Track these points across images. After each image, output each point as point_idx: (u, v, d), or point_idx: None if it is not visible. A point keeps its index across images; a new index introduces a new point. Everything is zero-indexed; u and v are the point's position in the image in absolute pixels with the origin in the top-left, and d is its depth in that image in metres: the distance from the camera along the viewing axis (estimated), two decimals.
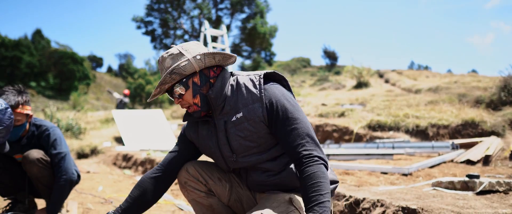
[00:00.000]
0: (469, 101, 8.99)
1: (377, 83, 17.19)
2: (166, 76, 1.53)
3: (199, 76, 1.59)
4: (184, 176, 1.73)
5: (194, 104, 1.60)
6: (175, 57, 1.58)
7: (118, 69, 60.57)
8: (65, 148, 2.77)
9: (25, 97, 2.60)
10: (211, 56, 1.58)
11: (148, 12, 32.01)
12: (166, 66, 1.58)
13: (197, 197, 1.74)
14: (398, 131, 7.74)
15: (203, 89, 1.59)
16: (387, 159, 5.07)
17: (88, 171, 6.31)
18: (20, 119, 2.57)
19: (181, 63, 1.54)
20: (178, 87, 1.58)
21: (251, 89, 1.56)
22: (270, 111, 1.53)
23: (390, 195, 2.74)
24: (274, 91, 1.55)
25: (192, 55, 1.56)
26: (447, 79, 13.92)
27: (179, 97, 1.61)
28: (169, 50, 1.62)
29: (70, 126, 10.87)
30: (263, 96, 1.53)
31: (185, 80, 1.58)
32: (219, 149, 1.65)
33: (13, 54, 35.17)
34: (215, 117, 1.63)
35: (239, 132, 1.57)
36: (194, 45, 1.61)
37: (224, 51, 1.61)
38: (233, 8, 32.90)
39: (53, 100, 32.17)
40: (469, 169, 4.16)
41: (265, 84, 1.58)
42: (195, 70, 1.57)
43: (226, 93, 1.60)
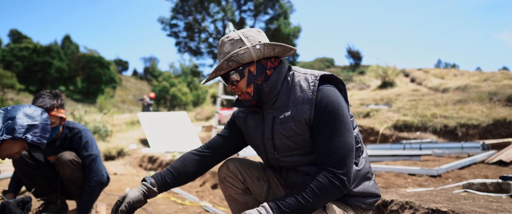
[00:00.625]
0: (501, 100, 8.67)
1: (403, 82, 16.85)
2: (223, 62, 1.51)
3: (256, 66, 1.57)
4: (224, 171, 1.75)
5: (246, 93, 1.59)
6: (235, 43, 1.54)
7: (143, 73, 61.73)
8: (96, 150, 2.86)
9: (60, 101, 2.71)
10: (271, 47, 1.54)
11: (174, 15, 32.46)
12: (224, 51, 1.56)
13: (234, 193, 1.75)
14: (426, 131, 7.56)
15: (258, 79, 1.57)
16: (414, 160, 4.95)
17: (115, 173, 6.44)
18: (55, 122, 2.68)
19: (240, 51, 1.51)
20: (234, 74, 1.56)
21: (304, 89, 1.52)
22: (317, 113, 1.48)
23: (419, 197, 2.67)
24: (328, 94, 1.49)
25: (252, 44, 1.53)
26: (477, 77, 13.50)
27: (233, 84, 1.59)
28: (229, 34, 1.58)
29: (97, 129, 11.14)
30: (315, 99, 1.49)
31: (241, 68, 1.56)
32: (263, 143, 1.65)
33: (44, 59, 36.43)
34: (265, 110, 1.62)
35: (284, 131, 1.55)
36: (255, 33, 1.58)
37: (285, 44, 1.58)
38: (256, 10, 32.95)
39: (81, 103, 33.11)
40: (501, 171, 4.01)
41: (321, 85, 1.52)
42: (252, 60, 1.54)
43: (280, 89, 1.58)
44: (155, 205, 3.73)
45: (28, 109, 2.16)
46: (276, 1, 32.35)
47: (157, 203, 3.87)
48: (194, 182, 5.16)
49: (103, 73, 39.92)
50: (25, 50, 36.43)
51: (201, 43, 33.41)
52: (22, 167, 2.84)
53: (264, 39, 1.59)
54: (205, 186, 4.83)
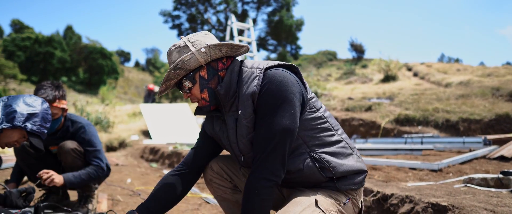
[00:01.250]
0: (503, 95, 8.64)
1: (405, 76, 16.79)
2: (170, 72, 1.48)
3: (206, 70, 1.52)
4: (209, 173, 1.73)
5: (202, 99, 1.55)
6: (181, 50, 1.50)
7: (145, 64, 61.70)
8: (99, 146, 2.90)
9: (61, 92, 2.72)
10: (217, 48, 1.49)
11: (176, 6, 32.38)
12: (173, 60, 1.52)
13: (223, 194, 1.74)
14: (427, 126, 7.54)
15: (211, 83, 1.53)
16: (415, 154, 4.95)
17: (117, 164, 6.47)
18: (56, 113, 2.69)
19: (185, 57, 1.46)
20: (186, 81, 1.52)
21: (250, 85, 1.46)
22: (258, 101, 1.43)
23: (419, 191, 2.67)
24: (271, 78, 1.42)
25: (197, 49, 1.48)
26: (480, 72, 13.45)
27: (187, 92, 1.55)
28: (176, 42, 1.54)
29: (99, 120, 11.16)
30: (258, 91, 1.43)
31: (191, 74, 1.51)
32: (231, 147, 1.60)
33: (46, 50, 36.40)
34: (225, 113, 1.58)
35: (241, 131, 1.51)
36: (201, 36, 1.53)
37: (233, 42, 1.53)
38: (259, 2, 32.84)
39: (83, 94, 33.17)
40: (502, 166, 4.01)
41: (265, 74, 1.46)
42: (201, 64, 1.50)
43: (236, 88, 1.52)
44: None
45: (28, 98, 2.17)
46: None
47: None
48: None
49: (105, 64, 39.89)
50: (27, 40, 36.41)
51: None
52: (24, 156, 2.86)
53: (211, 41, 1.54)
54: None
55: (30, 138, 2.11)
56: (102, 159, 2.87)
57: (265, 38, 33.75)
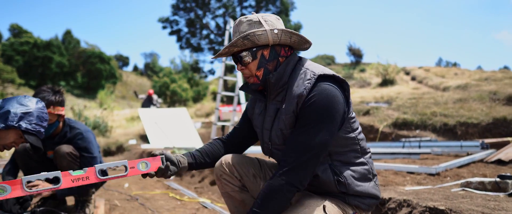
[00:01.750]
0: (501, 99, 8.66)
1: (403, 80, 16.83)
2: (239, 39, 1.49)
3: (269, 51, 1.55)
4: (220, 168, 1.73)
5: (255, 76, 1.58)
6: (252, 24, 1.53)
7: (144, 68, 61.71)
8: (96, 153, 2.89)
9: (58, 98, 2.70)
10: (289, 35, 1.53)
11: (174, 11, 32.44)
12: (240, 30, 1.54)
13: (231, 191, 1.75)
14: (425, 130, 7.56)
15: (269, 64, 1.56)
16: (413, 158, 4.95)
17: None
18: (51, 119, 2.69)
19: (257, 31, 1.49)
20: (248, 54, 1.54)
21: (300, 84, 1.49)
22: (303, 107, 1.45)
23: (416, 195, 2.67)
24: (322, 91, 1.44)
25: (270, 28, 1.51)
26: (477, 76, 13.49)
27: (243, 65, 1.57)
28: (248, 16, 1.57)
29: (97, 124, 11.14)
30: (306, 94, 1.45)
31: (255, 49, 1.54)
32: (262, 132, 1.66)
33: (44, 54, 36.40)
34: (269, 99, 1.62)
35: (279, 124, 1.54)
36: (274, 18, 1.57)
37: (302, 35, 1.56)
38: (257, 6, 32.93)
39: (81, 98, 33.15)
40: (500, 170, 4.01)
41: (320, 82, 1.47)
42: (268, 43, 1.53)
43: (286, 81, 1.56)
44: (153, 201, 3.73)
45: (22, 98, 2.15)
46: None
47: (156, 199, 3.88)
48: (192, 178, 5.17)
49: (103, 69, 39.88)
50: (26, 44, 36.38)
51: (202, 39, 33.39)
52: (25, 160, 2.86)
53: (281, 26, 1.57)
54: (204, 182, 4.84)
55: (27, 137, 2.09)
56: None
57: None
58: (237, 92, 7.19)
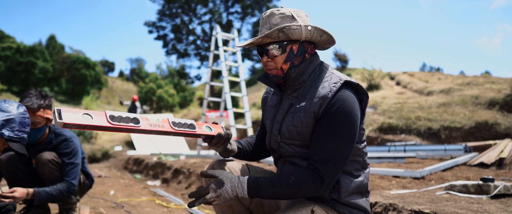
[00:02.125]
0: (483, 103, 8.85)
1: (388, 85, 17.04)
2: (274, 31, 1.48)
3: (298, 46, 1.56)
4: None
5: (280, 69, 1.57)
6: (285, 17, 1.53)
7: (130, 74, 61.18)
8: (78, 160, 2.85)
9: (47, 102, 2.68)
10: (320, 33, 1.54)
11: (160, 17, 32.28)
12: (272, 22, 1.53)
13: None
14: (410, 134, 7.66)
15: (296, 59, 1.57)
16: (398, 162, 5.01)
17: (100, 175, 6.36)
18: (40, 122, 2.66)
19: (293, 26, 1.49)
20: (278, 47, 1.54)
21: (325, 86, 1.50)
22: (326, 110, 1.46)
23: (402, 199, 2.71)
24: (345, 99, 1.46)
25: (304, 24, 1.52)
26: (460, 81, 13.74)
27: (270, 57, 1.57)
28: (280, 9, 1.56)
29: (82, 131, 10.99)
30: (330, 98, 1.46)
31: (285, 43, 1.54)
32: (272, 124, 1.67)
33: (28, 59, 35.77)
34: (285, 94, 1.63)
35: (293, 119, 1.55)
36: (304, 15, 1.58)
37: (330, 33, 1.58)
38: (244, 12, 32.99)
39: (65, 104, 32.65)
40: (482, 172, 4.09)
41: (343, 89, 1.49)
42: (299, 39, 1.54)
43: (306, 79, 1.58)
44: (139, 208, 3.69)
45: (2, 103, 2.09)
46: (263, 3, 32.44)
47: (142, 206, 3.84)
48: (179, 184, 5.13)
49: (88, 74, 39.36)
50: (8, 50, 35.72)
51: (189, 45, 33.29)
52: (12, 169, 2.79)
53: (310, 23, 1.58)
54: (190, 188, 4.81)
55: (10, 144, 2.04)
56: (76, 175, 2.80)
57: (249, 49, 33.88)
58: (223, 98, 7.19)
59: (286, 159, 1.65)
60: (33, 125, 2.63)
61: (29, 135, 2.64)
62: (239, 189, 1.45)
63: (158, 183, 5.69)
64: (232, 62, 7.47)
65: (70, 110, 1.31)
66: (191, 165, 5.51)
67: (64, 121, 1.26)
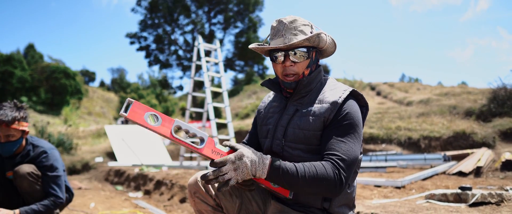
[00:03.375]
0: (460, 113, 9.08)
1: (369, 95, 17.31)
2: (314, 36, 1.51)
3: (316, 53, 1.61)
4: (194, 186, 1.69)
5: (301, 74, 1.58)
6: (307, 26, 1.57)
7: (111, 84, 60.36)
8: (60, 172, 2.77)
9: (22, 114, 2.60)
10: (333, 44, 1.63)
11: (142, 27, 32.14)
12: (298, 28, 1.55)
13: (204, 210, 1.70)
14: (391, 144, 7.78)
15: (313, 66, 1.61)
16: (380, 172, 5.08)
17: (80, 187, 6.23)
18: (15, 135, 2.58)
19: (322, 34, 1.54)
20: (304, 53, 1.55)
21: (334, 93, 1.54)
22: (336, 115, 1.49)
23: (383, 208, 2.75)
24: (353, 106, 1.52)
25: (325, 33, 1.57)
26: (438, 91, 14.08)
27: (293, 62, 1.56)
28: (295, 17, 1.58)
29: (62, 141, 10.77)
30: (340, 104, 1.49)
31: (311, 49, 1.57)
32: (275, 128, 1.64)
33: (5, 69, 34.91)
34: (290, 100, 1.64)
35: (300, 122, 1.55)
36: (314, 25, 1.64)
37: None
38: (226, 23, 33.15)
39: (44, 115, 31.93)
40: (461, 181, 4.19)
41: (350, 98, 1.55)
42: (319, 47, 1.59)
43: (313, 87, 1.62)
44: None
45: None
46: (245, 15, 32.69)
47: None
48: (161, 195, 5.07)
49: (68, 84, 38.63)
50: None
51: (171, 55, 33.17)
52: None
53: None
54: (173, 200, 4.75)
55: None
56: (61, 186, 2.74)
57: (232, 59, 34.00)
58: (206, 109, 7.18)
59: None
60: (7, 138, 2.56)
61: (4, 148, 2.59)
62: (260, 166, 1.35)
63: (140, 194, 5.61)
64: (215, 73, 7.48)
65: (140, 106, 1.27)
66: (173, 176, 5.46)
67: (128, 116, 1.23)
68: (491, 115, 8.17)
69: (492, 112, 8.22)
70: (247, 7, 32.27)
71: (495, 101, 8.37)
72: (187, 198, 4.57)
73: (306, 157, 1.55)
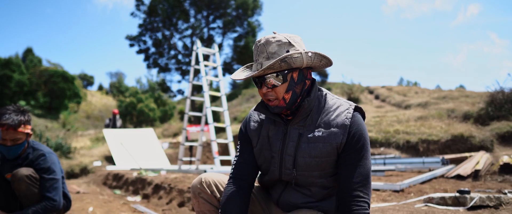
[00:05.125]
0: (458, 116, 9.11)
1: (367, 99, 17.34)
2: (276, 62, 1.41)
3: (298, 73, 1.50)
4: (199, 187, 1.67)
5: (282, 99, 1.51)
6: (282, 45, 1.47)
7: (109, 88, 60.34)
8: (58, 175, 2.80)
9: (27, 117, 2.67)
10: (320, 58, 1.50)
11: (142, 31, 32.19)
12: (269, 51, 1.46)
13: (207, 211, 1.69)
14: (389, 147, 7.79)
15: (297, 87, 1.51)
16: (378, 176, 5.09)
17: (78, 191, 6.21)
18: (21, 138, 2.64)
19: (294, 54, 1.44)
20: (278, 77, 1.47)
21: (339, 114, 1.52)
22: (350, 141, 1.49)
23: (382, 212, 2.75)
24: (360, 123, 1.53)
25: (304, 51, 1.47)
26: (436, 95, 14.10)
27: (270, 87, 1.50)
28: (275, 35, 1.50)
29: (60, 145, 10.73)
30: (348, 125, 1.49)
31: (286, 72, 1.47)
32: (281, 158, 1.58)
33: (3, 73, 34.88)
34: (291, 124, 1.57)
35: (310, 150, 1.51)
36: (299, 39, 1.54)
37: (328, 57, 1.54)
38: (225, 27, 33.21)
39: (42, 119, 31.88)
40: (459, 184, 4.20)
41: (356, 113, 1.56)
42: (301, 66, 1.49)
43: (313, 107, 1.56)
44: None
45: None
46: (244, 19, 32.77)
47: None
48: (160, 200, 5.06)
49: (67, 88, 38.57)
50: None
51: (170, 59, 33.21)
52: None
53: (305, 48, 1.55)
54: (171, 204, 4.74)
55: None
56: (57, 190, 2.76)
57: (230, 63, 34.01)
58: (204, 112, 7.18)
59: (291, 187, 1.63)
60: (14, 142, 2.62)
61: (11, 151, 2.65)
62: None
63: (138, 198, 5.59)
64: (213, 77, 7.48)
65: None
66: (172, 180, 5.45)
67: None
68: (489, 118, 8.19)
69: (490, 115, 8.25)
70: (245, 11, 32.34)
71: (493, 104, 8.39)
72: (185, 202, 4.56)
73: (320, 182, 1.56)
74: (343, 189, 1.48)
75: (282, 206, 1.66)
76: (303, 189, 1.59)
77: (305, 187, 1.59)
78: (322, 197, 1.59)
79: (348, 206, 1.45)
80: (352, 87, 16.82)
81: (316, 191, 1.58)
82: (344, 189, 1.47)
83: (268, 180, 1.69)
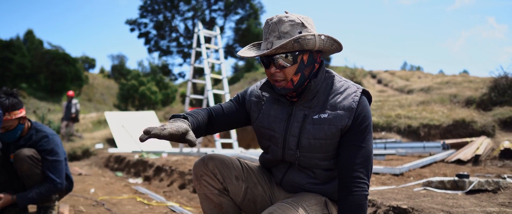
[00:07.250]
0: (460, 101, 9.07)
1: (370, 84, 17.28)
2: (290, 42, 1.39)
3: (308, 56, 1.48)
4: (201, 169, 1.65)
5: (290, 81, 1.49)
6: (295, 25, 1.44)
7: (111, 71, 60.28)
8: (61, 156, 2.82)
9: (11, 101, 2.60)
10: (332, 42, 1.48)
11: (142, 13, 31.89)
12: (281, 30, 1.44)
13: (209, 193, 1.67)
14: (390, 131, 7.79)
15: (306, 70, 1.49)
16: (379, 160, 5.10)
17: (80, 173, 6.27)
18: (12, 124, 2.63)
19: (308, 35, 1.41)
20: (285, 58, 1.45)
21: (346, 97, 1.52)
22: (354, 122, 1.49)
23: (381, 195, 2.76)
24: (366, 107, 1.53)
25: (317, 33, 1.44)
26: (439, 80, 14.04)
27: (279, 68, 1.48)
28: (288, 15, 1.46)
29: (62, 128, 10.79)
30: (355, 108, 1.49)
31: (297, 53, 1.45)
32: (285, 138, 1.58)
33: (4, 55, 34.82)
34: (296, 105, 1.57)
35: (315, 132, 1.51)
36: (311, 22, 1.51)
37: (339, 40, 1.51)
38: (227, 10, 32.88)
39: (44, 101, 31.98)
40: (459, 169, 4.20)
41: (362, 96, 1.55)
42: (311, 49, 1.46)
43: (319, 88, 1.54)
44: (120, 206, 3.66)
45: None
46: (246, 1, 32.40)
47: (123, 203, 3.81)
48: (161, 182, 5.10)
49: (68, 71, 38.57)
50: None
51: (171, 42, 33.00)
52: None
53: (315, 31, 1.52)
54: (172, 186, 4.78)
55: None
56: (60, 171, 2.78)
57: (232, 46, 33.80)
58: (206, 96, 7.17)
59: (295, 167, 1.64)
60: (6, 129, 2.62)
61: (6, 136, 2.66)
62: None
63: (139, 180, 5.64)
64: (215, 60, 7.45)
65: None
66: (173, 163, 5.48)
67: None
68: (491, 104, 8.16)
69: (492, 101, 8.21)
70: None
71: (496, 90, 8.35)
72: (186, 184, 4.59)
73: (323, 164, 1.57)
74: (343, 170, 1.49)
75: (286, 185, 1.68)
76: (307, 170, 1.61)
77: (308, 168, 1.60)
78: (325, 180, 1.61)
79: (348, 187, 1.46)
80: (355, 71, 16.75)
81: (320, 173, 1.59)
82: (345, 169, 1.48)
83: (271, 160, 1.70)
